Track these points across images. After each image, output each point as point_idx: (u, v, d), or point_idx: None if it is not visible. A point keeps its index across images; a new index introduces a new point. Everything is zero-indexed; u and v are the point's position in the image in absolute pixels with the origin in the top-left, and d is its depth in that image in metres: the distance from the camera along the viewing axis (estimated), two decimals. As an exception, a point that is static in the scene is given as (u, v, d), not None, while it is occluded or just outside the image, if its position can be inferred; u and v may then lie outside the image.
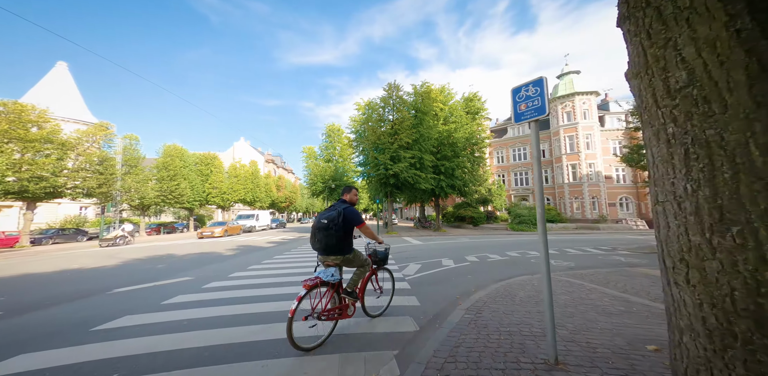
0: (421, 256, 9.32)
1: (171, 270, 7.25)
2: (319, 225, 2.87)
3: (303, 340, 2.74)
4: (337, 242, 2.86)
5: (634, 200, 27.04)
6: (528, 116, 2.64)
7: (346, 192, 3.22)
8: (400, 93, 20.35)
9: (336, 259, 2.95)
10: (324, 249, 2.91)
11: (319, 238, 2.88)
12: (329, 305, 2.88)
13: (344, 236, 2.90)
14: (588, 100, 27.46)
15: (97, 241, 16.65)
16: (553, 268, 7.05)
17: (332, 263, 2.98)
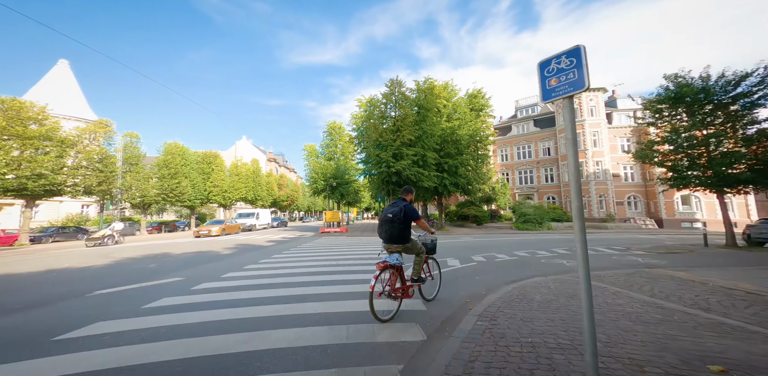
0: (425, 255, 8.91)
1: (163, 270, 6.91)
2: (385, 218, 3.51)
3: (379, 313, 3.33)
4: (399, 233, 3.49)
5: (643, 198, 26.39)
6: (561, 92, 2.22)
7: (408, 192, 3.79)
8: (402, 89, 19.90)
9: (398, 247, 3.59)
10: (389, 238, 3.55)
11: (386, 229, 3.53)
12: (397, 284, 3.51)
13: (404, 228, 3.50)
14: (595, 97, 26.81)
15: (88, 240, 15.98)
16: (567, 269, 6.62)
17: (395, 249, 3.61)
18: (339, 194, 24.50)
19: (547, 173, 31.06)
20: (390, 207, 3.59)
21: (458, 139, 21.25)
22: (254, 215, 27.47)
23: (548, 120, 32.12)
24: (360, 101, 22.61)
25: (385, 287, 3.40)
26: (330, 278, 5.79)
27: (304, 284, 5.36)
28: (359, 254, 9.29)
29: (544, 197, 30.98)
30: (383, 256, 3.65)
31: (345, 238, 16.91)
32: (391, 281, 3.45)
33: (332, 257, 8.84)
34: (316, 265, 7.38)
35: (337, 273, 6.32)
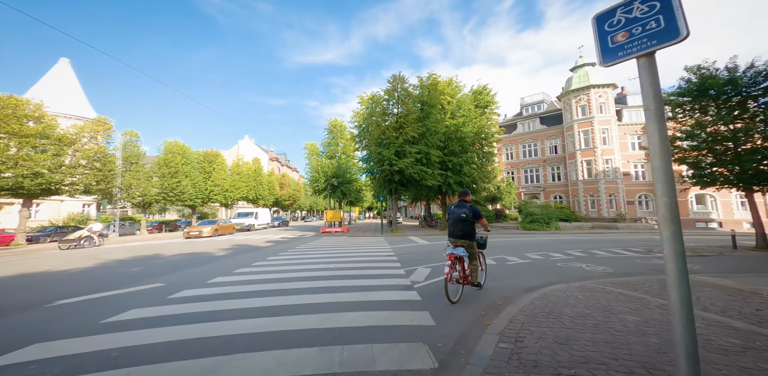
0: (430, 258, 8.33)
1: (145, 274, 6.40)
2: (459, 218, 4.07)
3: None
4: (471, 230, 4.10)
5: (655, 197, 25.45)
6: (635, 48, 1.62)
7: (466, 194, 4.32)
8: (405, 85, 19.28)
9: (464, 242, 4.10)
10: (462, 235, 4.09)
11: (460, 227, 4.08)
12: (462, 273, 4.07)
13: (473, 225, 4.10)
14: (605, 93, 25.94)
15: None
16: (588, 273, 5.98)
17: (461, 244, 4.08)
18: (340, 193, 23.94)
19: (554, 172, 30.23)
20: (458, 208, 4.16)
21: (463, 137, 20.58)
22: (253, 214, 26.59)
23: (555, 117, 31.28)
24: (361, 98, 22.03)
25: (452, 274, 3.95)
26: (327, 284, 5.22)
27: (297, 291, 4.80)
28: (360, 257, 8.72)
29: (551, 196, 30.17)
30: (449, 249, 4.14)
31: (346, 238, 16.36)
32: (458, 270, 4.07)
33: (331, 259, 8.28)
34: (313, 268, 6.82)
35: (335, 278, 5.75)
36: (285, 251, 10.16)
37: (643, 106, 1.59)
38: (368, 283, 5.34)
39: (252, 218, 25.96)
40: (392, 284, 5.27)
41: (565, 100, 28.56)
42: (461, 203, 4.22)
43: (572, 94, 27.42)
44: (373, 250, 10.30)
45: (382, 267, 6.89)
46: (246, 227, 24.40)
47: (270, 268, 6.93)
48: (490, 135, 21.67)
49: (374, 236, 17.56)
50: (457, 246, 4.11)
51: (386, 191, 20.26)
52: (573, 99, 27.34)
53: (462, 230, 4.13)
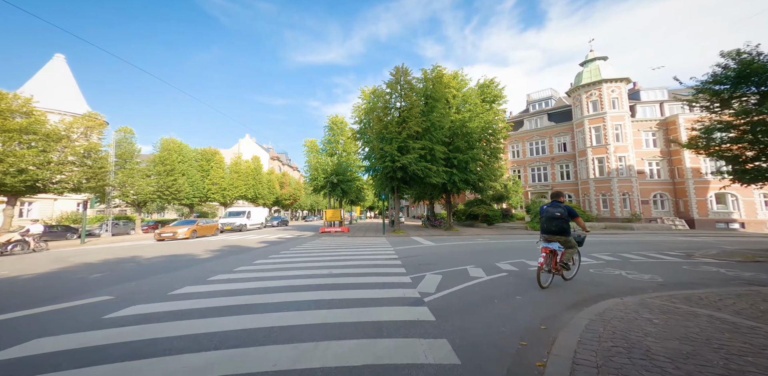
0: (439, 262, 7.33)
1: (103, 282, 5.44)
2: (553, 216, 4.66)
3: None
4: (565, 227, 4.64)
5: (671, 196, 24.22)
6: None
7: (560, 196, 4.87)
8: (409, 78, 18.28)
9: (559, 238, 4.68)
10: (555, 232, 4.67)
11: (555, 224, 4.65)
12: (555, 265, 4.67)
13: (568, 223, 4.66)
14: (617, 88, 24.75)
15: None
16: (636, 284, 4.95)
17: (557, 239, 4.67)
18: (340, 191, 22.96)
19: (562, 170, 29.07)
20: (552, 208, 4.66)
21: (469, 132, 19.53)
22: (244, 213, 24.29)
23: (563, 114, 30.11)
24: (363, 91, 21.07)
25: (544, 266, 4.51)
26: (317, 297, 4.25)
27: (277, 307, 3.83)
28: (360, 261, 7.73)
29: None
30: (542, 244, 4.68)
31: (346, 239, 15.40)
32: (551, 261, 4.59)
33: (327, 263, 7.31)
34: (304, 275, 5.86)
35: (328, 288, 4.78)
36: (277, 253, 9.21)
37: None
38: (368, 294, 4.36)
39: (243, 217, 23.81)
40: (397, 296, 4.29)
41: (574, 95, 27.40)
42: (555, 203, 4.73)
43: (583, 89, 26.26)
44: (375, 252, 9.32)
45: (385, 274, 5.91)
46: (237, 227, 22.47)
47: (253, 274, 5.97)
48: (498, 131, 20.60)
49: (376, 237, 16.58)
50: (551, 241, 4.63)
51: (388, 188, 19.26)
52: (583, 94, 26.18)
53: (556, 226, 4.60)
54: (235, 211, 25.08)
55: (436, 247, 10.88)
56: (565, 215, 4.50)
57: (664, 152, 24.80)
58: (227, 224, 22.28)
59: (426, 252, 9.37)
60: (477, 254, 8.91)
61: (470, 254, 8.75)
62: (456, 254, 8.93)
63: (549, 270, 4.61)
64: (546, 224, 4.70)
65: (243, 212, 24.30)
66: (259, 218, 26.40)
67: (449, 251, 9.70)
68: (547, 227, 4.69)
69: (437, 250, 9.95)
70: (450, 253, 9.12)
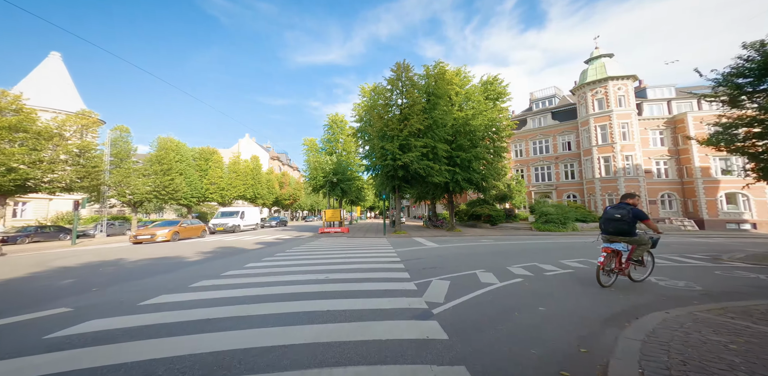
0: (445, 266, 6.78)
1: (68, 289, 4.88)
2: (612, 217, 4.59)
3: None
4: (627, 228, 4.49)
5: (679, 196, 23.61)
6: None
7: (630, 197, 4.68)
8: (410, 74, 17.77)
9: (623, 239, 4.60)
10: (615, 233, 4.60)
11: (613, 225, 4.59)
12: (619, 265, 4.62)
13: (631, 225, 4.47)
14: (624, 86, 24.19)
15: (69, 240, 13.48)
16: (675, 293, 4.40)
17: (619, 240, 4.62)
18: (340, 190, 22.42)
19: (567, 169, 28.49)
20: (615, 209, 4.62)
21: (472, 130, 18.99)
22: (238, 213, 23.03)
23: (568, 112, 29.56)
24: (363, 89, 20.58)
25: (604, 265, 4.58)
26: (309, 308, 3.72)
27: (263, 321, 3.29)
28: (360, 264, 7.18)
29: (564, 195, 28.42)
30: (602, 244, 4.72)
31: (346, 239, 14.87)
32: (613, 261, 4.66)
33: (324, 266, 6.78)
34: (297, 281, 5.32)
35: (323, 297, 4.24)
36: (271, 256, 8.67)
37: None
38: (368, 305, 3.82)
39: (237, 217, 22.57)
40: (402, 306, 3.75)
41: (579, 93, 26.85)
42: (621, 204, 4.63)
43: (588, 87, 25.71)
44: (375, 254, 8.77)
45: (387, 279, 5.37)
46: (230, 228, 21.35)
47: (242, 279, 5.43)
48: (502, 128, 20.05)
49: (376, 237, 16.04)
50: (613, 242, 4.62)
51: (389, 188, 18.73)
52: (589, 92, 25.63)
53: (614, 228, 4.57)
54: (228, 211, 23.81)
55: (439, 249, 10.33)
56: (627, 217, 4.41)
57: (671, 151, 24.22)
58: (219, 225, 21.25)
59: (429, 254, 8.82)
60: (484, 256, 8.35)
61: (477, 257, 8.20)
62: (462, 256, 8.38)
63: (611, 270, 4.60)
64: (604, 225, 4.73)
65: (236, 212, 23.12)
66: (254, 218, 25.37)
67: (454, 253, 9.15)
68: (605, 228, 4.72)
69: (441, 252, 9.41)
70: (455, 255, 8.57)
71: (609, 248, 4.55)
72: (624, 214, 4.44)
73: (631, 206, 4.53)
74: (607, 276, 4.68)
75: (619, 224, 4.49)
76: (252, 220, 24.67)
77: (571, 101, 30.87)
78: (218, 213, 23.76)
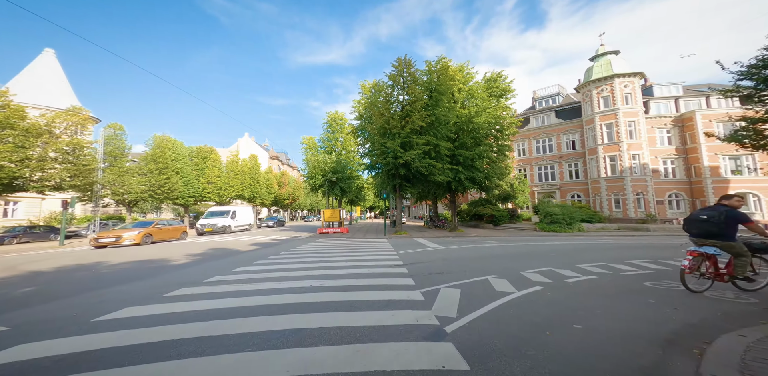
0: (452, 270, 6.19)
1: (20, 301, 4.25)
2: (697, 219, 4.32)
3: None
4: (717, 231, 4.12)
5: (687, 196, 23.03)
6: None
7: (728, 198, 4.28)
8: (412, 69, 17.19)
9: (714, 242, 4.19)
10: (701, 235, 4.32)
11: (697, 226, 4.32)
12: (714, 270, 4.27)
13: (725, 228, 4.08)
14: (630, 83, 23.62)
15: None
16: (728, 307, 3.80)
17: (710, 243, 4.25)
18: (339, 190, 21.82)
19: (571, 169, 27.92)
20: (706, 210, 4.36)
21: (476, 128, 18.41)
22: (228, 213, 21.21)
23: (572, 111, 28.99)
24: (363, 86, 20.02)
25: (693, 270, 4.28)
26: (301, 324, 3.12)
27: (240, 342, 2.70)
28: (359, 267, 6.59)
29: (568, 195, 27.85)
30: (690, 247, 4.48)
31: (345, 240, 14.27)
32: (706, 265, 4.32)
33: (319, 271, 6.19)
34: (291, 288, 4.74)
35: (317, 308, 3.65)
36: (265, 259, 8.07)
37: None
38: (368, 319, 3.23)
39: (227, 217, 20.81)
40: (408, 323, 3.16)
41: (584, 91, 26.29)
42: (715, 206, 4.32)
43: (593, 84, 25.14)
44: (376, 257, 8.18)
45: (389, 286, 4.77)
46: (219, 229, 19.65)
47: (227, 287, 4.84)
48: (507, 126, 19.47)
49: (376, 238, 15.45)
50: (703, 245, 4.32)
51: (390, 187, 18.14)
52: (594, 90, 25.06)
53: (700, 229, 4.29)
54: (217, 210, 21.89)
55: (444, 251, 9.73)
56: (716, 219, 4.07)
57: (679, 150, 23.65)
58: (207, 226, 19.61)
59: (434, 257, 8.22)
60: (493, 259, 7.76)
61: (486, 260, 7.60)
62: (469, 259, 7.79)
63: (703, 274, 4.30)
64: (687, 226, 4.52)
65: (227, 212, 21.41)
66: (246, 218, 23.85)
67: (460, 255, 8.56)
68: (688, 229, 4.50)
69: (446, 254, 8.81)
70: (462, 258, 7.97)
71: (695, 251, 4.25)
72: (713, 215, 4.12)
73: (726, 207, 4.15)
74: (699, 281, 4.36)
75: (706, 225, 4.15)
76: (244, 220, 23.34)
77: (575, 99, 30.30)
78: (207, 213, 22.03)
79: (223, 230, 19.87)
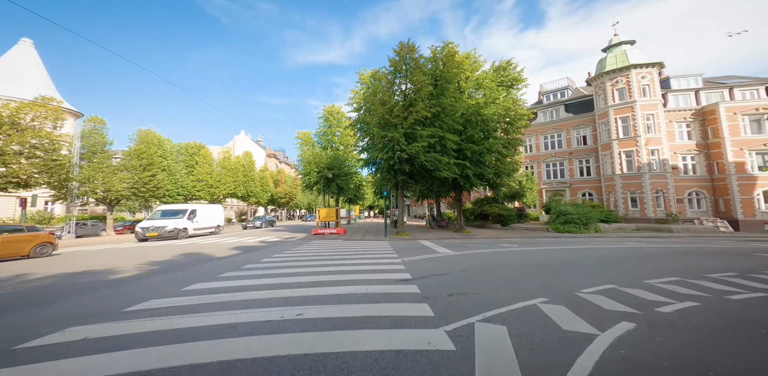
0: (479, 289, 4.61)
1: None
2: None
3: None
4: None
5: (709, 195, 21.53)
6: None
7: None
8: (415, 55, 15.55)
9: None
10: None
11: None
12: None
13: None
14: (649, 74, 22.04)
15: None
16: None
17: None
18: (335, 187, 20.23)
19: (582, 166, 26.38)
20: None
21: (485, 120, 16.83)
22: (184, 212, 16.53)
23: (583, 105, 27.45)
24: (361, 75, 18.42)
25: None
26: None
27: None
28: (355, 282, 4.99)
29: (578, 193, 26.32)
30: None
31: (341, 243, 12.69)
32: None
33: (304, 291, 4.59)
34: (256, 321, 3.14)
35: (274, 371, 2.05)
36: (237, 270, 6.48)
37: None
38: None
39: (182, 218, 16.09)
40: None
41: (597, 83, 24.73)
42: None
43: (607, 76, 23.58)
44: (376, 267, 6.60)
45: (395, 320, 3.18)
46: (169, 233, 14.84)
47: (147, 324, 3.25)
48: (517, 118, 17.88)
49: (376, 240, 13.87)
50: None
51: (391, 184, 16.55)
52: (608, 82, 23.50)
53: None
54: (169, 209, 17.08)
55: (457, 258, 8.16)
56: None
57: (700, 145, 22.13)
58: (151, 229, 14.63)
59: (449, 266, 6.64)
60: (525, 271, 6.18)
61: (516, 272, 6.03)
62: (493, 270, 6.21)
63: None
64: None
65: (182, 211, 16.74)
66: (212, 218, 18.96)
67: (480, 264, 6.98)
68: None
69: (462, 262, 7.23)
70: (484, 268, 6.39)
71: None
72: None
73: None
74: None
75: None
76: (209, 221, 18.65)
77: (585, 93, 28.75)
78: (155, 211, 17.03)
79: (174, 234, 15.07)
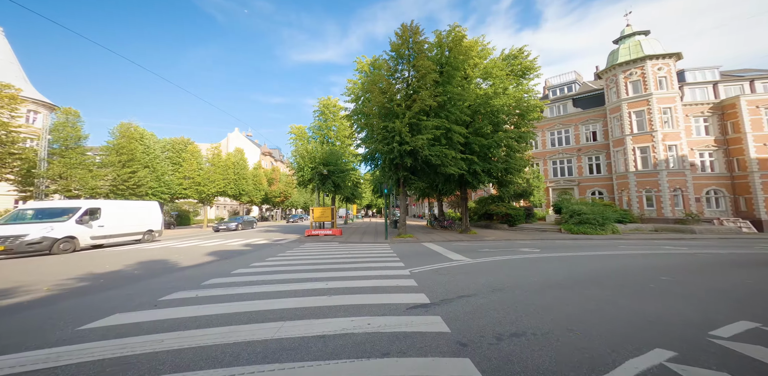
0: (535, 321, 3.11)
1: None
2: None
3: None
4: None
5: (728, 193, 20.37)
6: None
7: None
8: (419, 38, 13.98)
9: None
10: None
11: None
12: None
13: None
14: (665, 65, 20.77)
15: None
16: None
17: None
18: (331, 184, 18.66)
19: (591, 163, 25.12)
20: None
21: (495, 111, 15.38)
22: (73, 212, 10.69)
23: (592, 99, 26.18)
24: (359, 62, 16.77)
25: None
26: None
27: None
28: (351, 311, 3.46)
29: (587, 192, 25.06)
30: None
31: (336, 246, 11.15)
32: None
33: (274, 326, 3.05)
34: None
35: None
36: (197, 288, 4.92)
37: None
38: None
39: (65, 221, 10.31)
40: None
41: (608, 76, 23.43)
42: None
43: (620, 68, 22.28)
44: (378, 282, 5.09)
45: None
46: (28, 246, 9.05)
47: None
48: (531, 110, 16.45)
49: (376, 243, 12.37)
50: None
51: (392, 181, 15.02)
52: (621, 75, 22.20)
53: None
54: (42, 207, 11.04)
55: (477, 267, 6.67)
56: None
57: (719, 141, 20.94)
58: (4, 239, 8.86)
59: (474, 282, 5.15)
60: (584, 292, 4.70)
61: (574, 294, 4.54)
62: (541, 291, 4.72)
63: None
64: None
65: (70, 210, 10.78)
66: (136, 221, 13.42)
67: (515, 279, 5.49)
68: None
69: (489, 276, 5.74)
70: (523, 287, 4.91)
71: None
72: None
73: None
74: None
75: None
76: (130, 225, 13.04)
77: (594, 87, 27.49)
78: (17, 211, 10.82)
79: (42, 246, 9.40)
